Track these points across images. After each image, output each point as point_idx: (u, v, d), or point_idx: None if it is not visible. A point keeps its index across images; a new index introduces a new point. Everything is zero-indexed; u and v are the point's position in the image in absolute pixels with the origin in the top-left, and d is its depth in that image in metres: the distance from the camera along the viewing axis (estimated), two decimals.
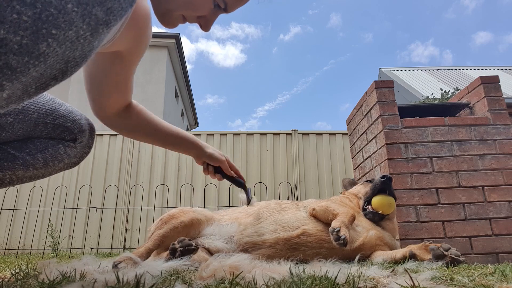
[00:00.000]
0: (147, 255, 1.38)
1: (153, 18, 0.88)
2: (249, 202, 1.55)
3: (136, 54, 0.98)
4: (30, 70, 0.45)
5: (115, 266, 1.17)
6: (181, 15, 0.81)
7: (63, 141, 0.93)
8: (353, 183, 2.23)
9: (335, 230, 1.35)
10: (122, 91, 1.07)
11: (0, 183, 0.89)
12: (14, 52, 0.42)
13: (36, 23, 0.42)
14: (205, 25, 0.84)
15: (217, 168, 1.37)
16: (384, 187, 1.76)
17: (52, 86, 0.52)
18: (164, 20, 0.82)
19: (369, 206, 1.78)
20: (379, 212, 1.74)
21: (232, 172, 1.41)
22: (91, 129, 1.00)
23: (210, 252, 1.47)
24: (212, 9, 0.80)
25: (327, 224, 1.57)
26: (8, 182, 0.91)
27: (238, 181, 1.45)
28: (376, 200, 1.77)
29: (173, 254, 1.30)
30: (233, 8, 0.84)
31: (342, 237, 1.31)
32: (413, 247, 1.44)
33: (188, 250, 1.31)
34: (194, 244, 1.34)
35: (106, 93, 1.03)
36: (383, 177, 1.78)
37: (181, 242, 1.32)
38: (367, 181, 1.99)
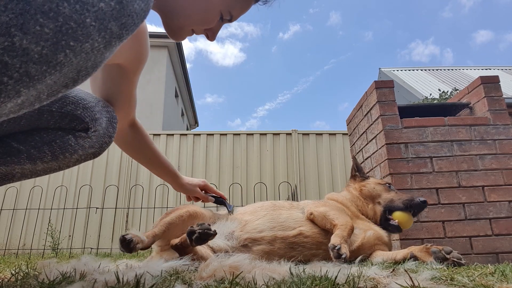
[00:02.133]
0: (152, 238, 1.37)
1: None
2: (231, 211, 1.71)
3: (137, 66, 1.02)
4: (46, 78, 0.48)
5: (123, 237, 1.20)
6: (191, 29, 0.89)
7: (73, 131, 0.85)
8: (361, 169, 2.02)
9: (336, 248, 1.29)
10: (125, 102, 1.08)
11: (11, 177, 0.86)
12: (34, 61, 0.45)
13: (57, 35, 0.45)
14: (212, 36, 0.93)
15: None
16: (417, 210, 1.67)
17: (62, 93, 0.55)
18: (176, 35, 0.89)
19: (391, 218, 1.66)
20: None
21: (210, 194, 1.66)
22: (111, 116, 0.93)
23: (213, 251, 1.47)
24: (218, 21, 0.89)
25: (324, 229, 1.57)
26: (20, 176, 0.86)
27: (217, 199, 1.67)
28: (403, 217, 1.64)
29: (191, 236, 1.23)
30: (237, 18, 0.93)
31: (343, 256, 1.26)
32: (414, 249, 1.43)
33: (206, 234, 1.23)
34: (213, 229, 1.29)
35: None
36: (424, 202, 1.65)
37: (200, 225, 1.27)
38: (387, 184, 1.83)
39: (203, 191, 1.64)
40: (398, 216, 1.65)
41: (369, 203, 1.78)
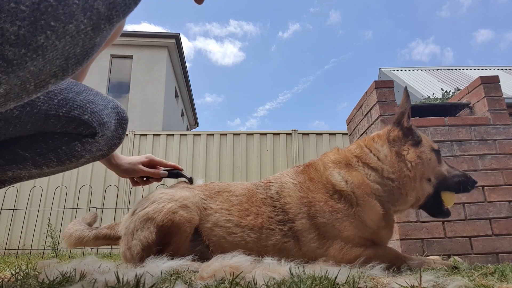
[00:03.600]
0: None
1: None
2: (191, 181, 1.49)
3: (109, 41, 0.94)
4: (27, 63, 0.43)
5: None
6: None
7: (79, 137, 0.81)
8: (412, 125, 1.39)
9: None
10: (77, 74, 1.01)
11: (18, 179, 0.85)
12: (11, 43, 0.40)
13: (35, 14, 0.41)
14: None
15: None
16: (465, 191, 1.33)
17: (53, 84, 0.51)
18: None
19: (443, 203, 1.32)
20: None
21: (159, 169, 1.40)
22: (121, 118, 0.89)
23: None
24: None
25: None
26: (27, 178, 0.86)
27: (172, 173, 1.42)
28: (451, 199, 1.32)
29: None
30: None
31: None
32: None
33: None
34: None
35: None
36: (475, 182, 1.34)
37: None
38: (438, 151, 1.36)
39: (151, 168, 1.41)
40: (446, 198, 1.31)
41: (416, 180, 1.29)
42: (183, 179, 1.50)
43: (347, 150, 1.41)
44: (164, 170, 1.40)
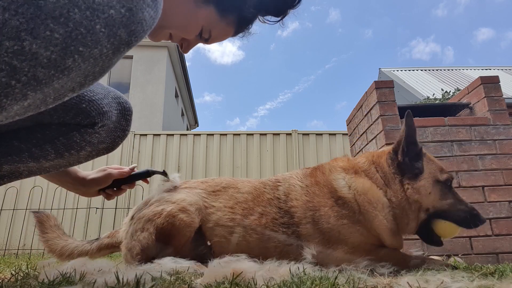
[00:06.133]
0: None
1: None
2: (165, 174, 1.37)
3: None
4: (53, 82, 0.48)
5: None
6: (169, 33, 0.88)
7: (78, 127, 0.79)
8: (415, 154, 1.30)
9: None
10: None
11: (18, 174, 0.84)
12: (43, 66, 0.45)
13: (66, 41, 0.45)
14: (186, 48, 0.93)
15: (116, 184, 1.18)
16: (468, 227, 1.23)
17: (69, 97, 0.54)
18: (153, 34, 0.86)
19: (434, 232, 1.24)
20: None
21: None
22: (123, 108, 0.87)
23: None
24: (196, 36, 0.89)
25: None
26: (28, 173, 0.84)
27: (141, 173, 1.25)
28: (452, 229, 1.22)
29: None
30: (213, 41, 0.93)
31: None
32: None
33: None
34: None
35: None
36: (484, 221, 1.23)
37: None
38: (448, 181, 1.27)
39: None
40: (444, 228, 1.23)
41: (415, 211, 1.24)
42: (159, 176, 1.38)
43: (356, 163, 1.37)
44: (133, 175, 1.25)
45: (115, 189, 1.21)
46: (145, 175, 1.27)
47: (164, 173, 1.36)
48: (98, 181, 1.14)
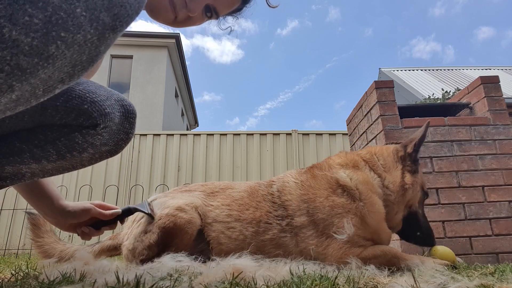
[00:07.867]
0: None
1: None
2: (150, 215, 1.28)
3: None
4: (39, 71, 0.46)
5: None
6: (172, 9, 0.86)
7: (79, 128, 0.77)
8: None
9: None
10: None
11: (21, 177, 0.82)
12: (25, 53, 0.44)
13: (47, 26, 0.44)
14: (192, 21, 0.92)
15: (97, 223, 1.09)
16: (417, 243, 1.41)
17: (59, 90, 0.53)
18: (155, 9, 0.86)
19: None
20: None
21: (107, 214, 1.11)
22: (127, 111, 0.84)
23: None
24: (201, 13, 0.89)
25: None
26: (30, 175, 0.82)
27: (123, 212, 1.16)
28: (448, 254, 1.31)
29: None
30: (220, 14, 0.93)
31: None
32: None
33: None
34: None
35: None
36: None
37: None
38: (426, 194, 1.42)
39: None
40: (442, 253, 1.32)
41: (404, 202, 1.35)
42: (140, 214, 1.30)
43: (356, 154, 1.47)
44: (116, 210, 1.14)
45: (92, 228, 1.10)
46: (127, 213, 1.18)
47: (149, 214, 1.28)
48: (74, 214, 1.05)
